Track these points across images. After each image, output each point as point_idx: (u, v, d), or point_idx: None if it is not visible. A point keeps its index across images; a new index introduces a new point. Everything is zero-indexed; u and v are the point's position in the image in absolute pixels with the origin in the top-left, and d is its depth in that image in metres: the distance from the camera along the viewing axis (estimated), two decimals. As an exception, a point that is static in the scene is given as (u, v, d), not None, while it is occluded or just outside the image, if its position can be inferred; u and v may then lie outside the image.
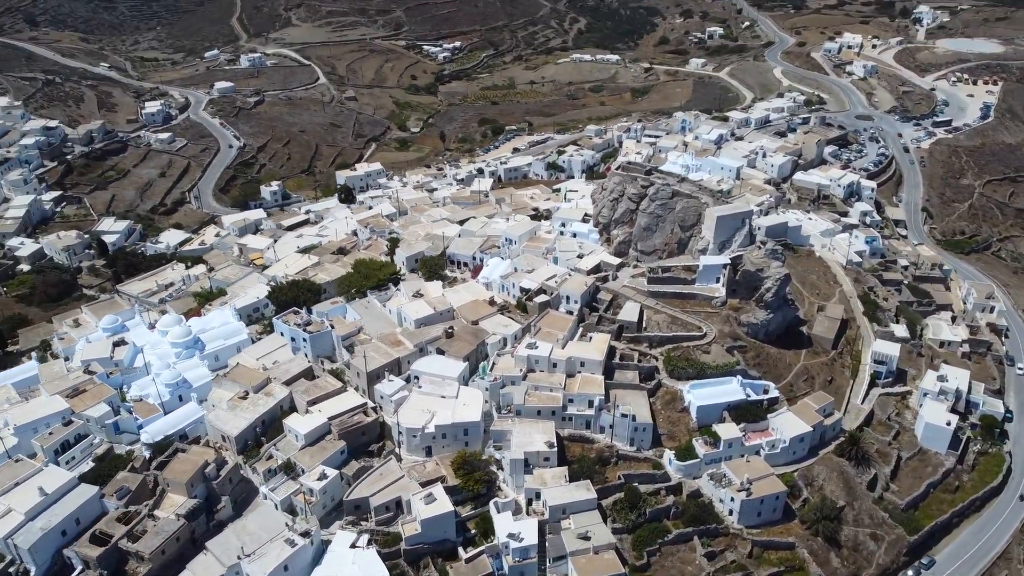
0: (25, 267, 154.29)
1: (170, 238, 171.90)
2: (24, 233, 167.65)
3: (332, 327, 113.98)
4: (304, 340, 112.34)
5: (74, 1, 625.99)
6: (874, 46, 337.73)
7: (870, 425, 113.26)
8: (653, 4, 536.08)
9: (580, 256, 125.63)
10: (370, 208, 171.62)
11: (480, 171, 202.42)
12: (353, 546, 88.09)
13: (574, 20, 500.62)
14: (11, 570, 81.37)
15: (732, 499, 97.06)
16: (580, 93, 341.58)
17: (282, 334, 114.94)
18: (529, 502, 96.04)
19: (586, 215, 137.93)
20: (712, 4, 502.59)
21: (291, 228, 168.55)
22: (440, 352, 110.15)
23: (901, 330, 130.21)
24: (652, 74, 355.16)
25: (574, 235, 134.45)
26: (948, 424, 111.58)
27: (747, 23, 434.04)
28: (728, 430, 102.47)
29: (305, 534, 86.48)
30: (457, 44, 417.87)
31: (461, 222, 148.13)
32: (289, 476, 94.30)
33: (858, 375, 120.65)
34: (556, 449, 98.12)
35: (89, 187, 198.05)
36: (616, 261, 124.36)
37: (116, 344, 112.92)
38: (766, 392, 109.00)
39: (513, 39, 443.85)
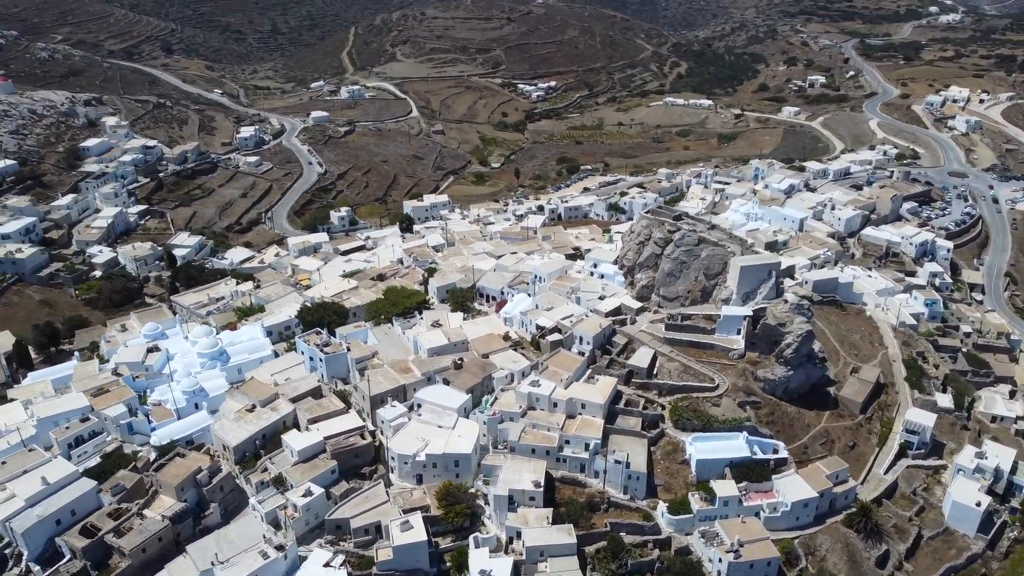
0: (98, 273, 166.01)
1: (235, 255, 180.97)
2: (105, 242, 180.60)
3: (348, 349, 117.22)
4: (320, 360, 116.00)
5: (208, 32, 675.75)
6: (981, 100, 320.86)
7: (891, 498, 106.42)
8: (759, 51, 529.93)
9: (602, 297, 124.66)
10: (422, 237, 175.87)
11: (540, 208, 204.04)
12: (327, 565, 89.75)
13: (675, 64, 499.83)
14: (7, 552, 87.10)
15: (720, 560, 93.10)
16: (666, 137, 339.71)
17: (302, 352, 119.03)
18: (510, 540, 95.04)
19: (617, 257, 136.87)
20: (819, 53, 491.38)
21: (346, 252, 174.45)
22: (446, 382, 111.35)
23: (945, 400, 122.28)
24: (742, 120, 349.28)
25: (601, 276, 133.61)
26: (978, 504, 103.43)
27: (852, 73, 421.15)
28: (726, 487, 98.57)
29: (279, 548, 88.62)
30: (552, 84, 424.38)
31: (498, 256, 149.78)
32: (279, 490, 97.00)
33: (886, 443, 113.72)
34: (542, 489, 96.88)
35: (174, 203, 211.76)
36: (637, 305, 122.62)
37: (150, 350, 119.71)
38: (776, 452, 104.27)
39: (609, 81, 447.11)
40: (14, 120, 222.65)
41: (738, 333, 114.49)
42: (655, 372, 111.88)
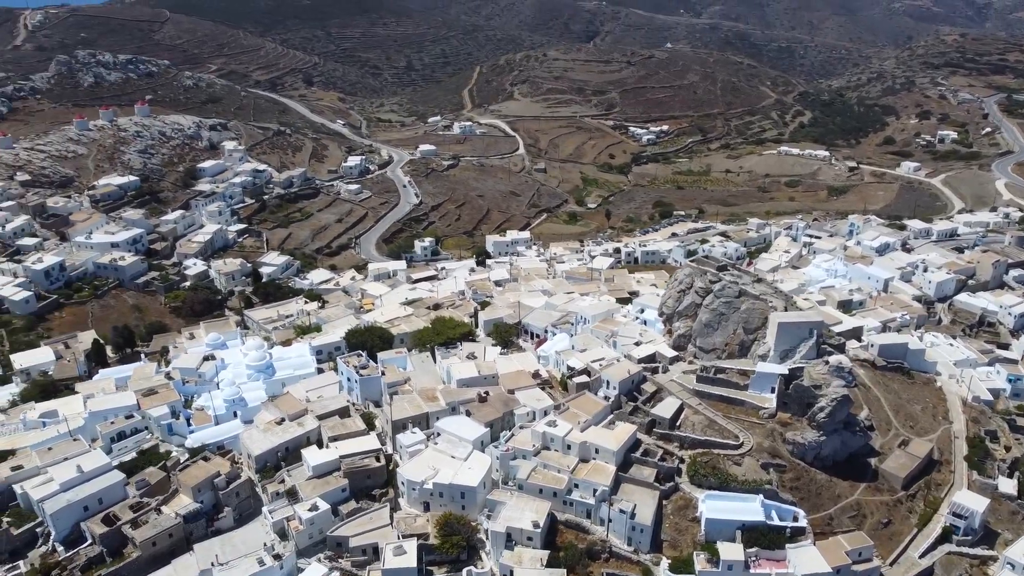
0: (188, 284, 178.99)
1: (316, 276, 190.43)
2: (202, 256, 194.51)
3: (383, 373, 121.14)
4: (355, 381, 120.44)
5: (348, 67, 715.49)
6: None
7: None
8: (892, 103, 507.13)
9: (638, 343, 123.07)
10: (490, 270, 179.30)
11: (617, 250, 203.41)
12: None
13: (799, 113, 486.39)
14: (38, 530, 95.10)
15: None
16: (773, 186, 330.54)
17: (340, 373, 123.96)
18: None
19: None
20: (956, 107, 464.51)
21: (416, 281, 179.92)
22: (468, 414, 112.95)
23: (1008, 485, 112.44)
24: (856, 173, 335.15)
25: (644, 322, 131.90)
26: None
27: (988, 129, 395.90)
28: (732, 551, 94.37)
29: (277, 556, 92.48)
30: (664, 128, 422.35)
31: (551, 295, 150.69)
32: (290, 502, 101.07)
33: (927, 525, 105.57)
34: (540, 530, 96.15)
35: (273, 224, 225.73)
36: (672, 354, 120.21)
37: (206, 358, 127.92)
38: (795, 519, 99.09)
39: (725, 127, 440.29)
40: (144, 140, 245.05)
41: (772, 391, 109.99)
42: (678, 423, 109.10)
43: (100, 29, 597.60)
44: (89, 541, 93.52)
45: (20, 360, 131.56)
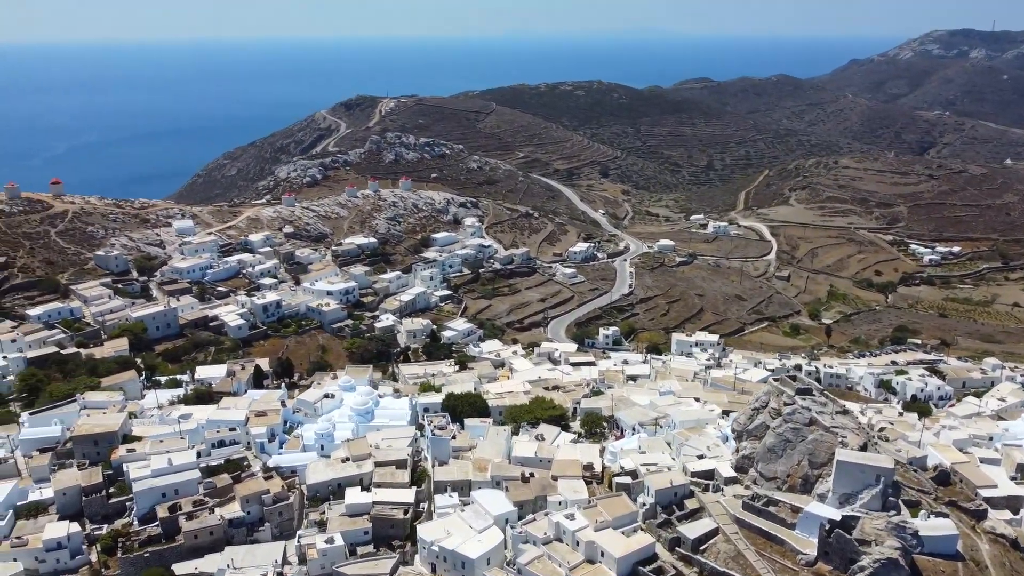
0: (372, 335, 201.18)
1: (489, 346, 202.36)
2: (399, 314, 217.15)
3: (454, 437, 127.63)
4: (428, 440, 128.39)
5: (648, 161, 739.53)
6: None
7: None
8: None
9: (700, 456, 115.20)
10: (631, 364, 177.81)
11: (798, 367, 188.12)
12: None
13: None
14: (128, 504, 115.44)
15: None
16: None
17: (419, 429, 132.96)
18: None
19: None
20: None
21: (574, 364, 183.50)
22: (506, 490, 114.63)
23: None
24: None
25: (726, 438, 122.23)
26: None
27: None
28: None
29: (280, 575, 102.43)
30: (955, 249, 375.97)
31: (664, 393, 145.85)
32: (319, 531, 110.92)
33: None
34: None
35: (478, 295, 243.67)
36: (729, 474, 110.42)
37: (325, 395, 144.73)
38: None
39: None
40: (396, 210, 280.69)
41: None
42: (703, 548, 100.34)
43: (435, 116, 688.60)
44: (156, 522, 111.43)
45: (201, 372, 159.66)
